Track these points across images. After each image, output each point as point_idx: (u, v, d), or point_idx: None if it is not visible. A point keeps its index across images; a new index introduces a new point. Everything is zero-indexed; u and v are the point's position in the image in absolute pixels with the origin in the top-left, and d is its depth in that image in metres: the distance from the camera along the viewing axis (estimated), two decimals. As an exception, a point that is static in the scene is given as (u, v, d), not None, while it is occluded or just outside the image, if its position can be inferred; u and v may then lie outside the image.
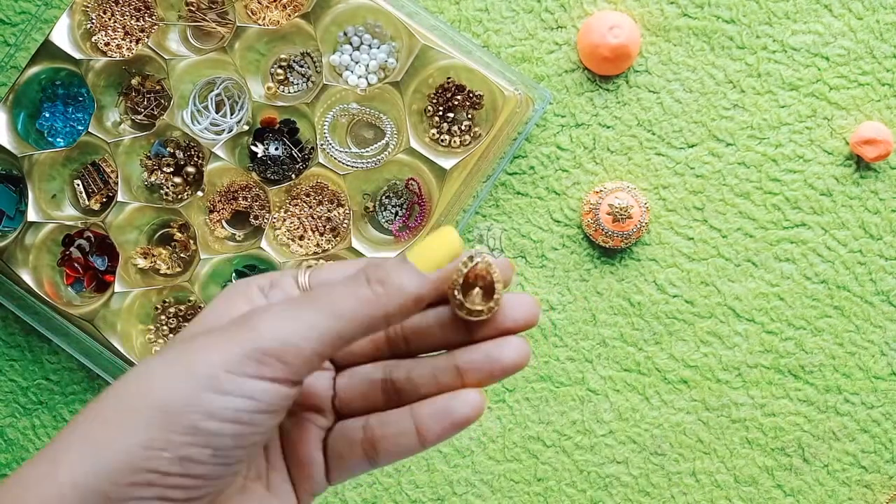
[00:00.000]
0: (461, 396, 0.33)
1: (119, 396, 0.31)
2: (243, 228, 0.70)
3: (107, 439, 0.30)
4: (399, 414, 0.35)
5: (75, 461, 0.30)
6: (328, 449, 0.36)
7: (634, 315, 0.70)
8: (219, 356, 0.30)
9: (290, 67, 0.70)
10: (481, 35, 0.70)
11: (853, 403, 0.70)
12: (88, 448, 0.30)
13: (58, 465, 0.30)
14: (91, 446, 0.30)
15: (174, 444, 0.30)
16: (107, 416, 0.31)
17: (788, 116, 0.69)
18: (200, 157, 0.69)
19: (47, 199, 0.70)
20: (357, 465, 0.35)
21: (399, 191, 0.69)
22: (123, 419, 0.30)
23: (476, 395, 0.34)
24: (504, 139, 0.67)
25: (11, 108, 0.68)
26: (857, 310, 0.69)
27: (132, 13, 0.69)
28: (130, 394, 0.31)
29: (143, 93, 0.69)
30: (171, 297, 0.70)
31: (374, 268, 0.32)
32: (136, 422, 0.30)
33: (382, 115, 0.68)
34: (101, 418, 0.31)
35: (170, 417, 0.30)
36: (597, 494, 0.71)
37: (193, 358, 0.31)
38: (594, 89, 0.69)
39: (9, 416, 0.73)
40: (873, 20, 0.68)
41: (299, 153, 0.68)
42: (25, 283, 0.68)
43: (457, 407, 0.33)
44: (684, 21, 0.69)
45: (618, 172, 0.70)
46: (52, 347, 0.73)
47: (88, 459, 0.30)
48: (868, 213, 0.69)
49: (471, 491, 0.71)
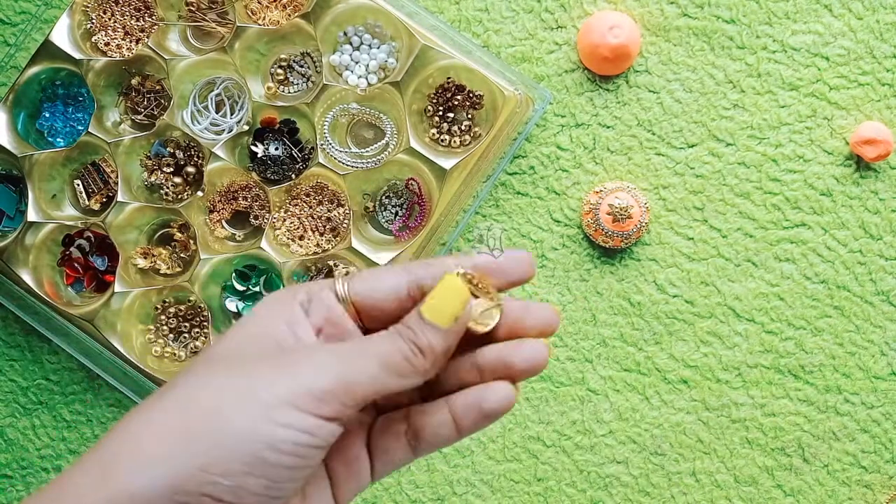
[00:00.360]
0: (491, 388, 0.35)
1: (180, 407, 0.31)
2: (243, 228, 0.70)
3: (166, 452, 0.30)
4: (437, 405, 0.36)
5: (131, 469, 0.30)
6: (372, 444, 0.37)
7: (634, 315, 0.70)
8: (283, 389, 0.31)
9: (290, 67, 0.70)
10: (481, 35, 0.70)
11: (853, 403, 0.70)
12: (146, 457, 0.30)
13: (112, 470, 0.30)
14: (148, 459, 0.30)
15: (233, 472, 0.30)
16: (167, 425, 0.31)
17: (788, 116, 0.69)
18: (200, 157, 0.69)
19: (47, 199, 0.70)
20: (402, 456, 0.36)
21: (399, 191, 0.69)
22: (185, 434, 0.30)
23: (506, 388, 0.35)
24: (504, 139, 0.67)
25: (11, 108, 0.68)
26: (857, 310, 0.69)
27: (132, 13, 0.69)
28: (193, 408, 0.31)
29: (143, 93, 0.69)
30: (171, 297, 0.70)
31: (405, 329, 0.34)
32: (198, 441, 0.30)
33: (382, 115, 0.68)
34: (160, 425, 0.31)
35: (233, 443, 0.30)
36: (597, 494, 0.71)
37: (256, 384, 0.31)
38: (594, 89, 0.69)
39: (9, 416, 0.73)
40: (873, 20, 0.68)
41: (299, 153, 0.68)
42: (25, 283, 0.68)
43: (487, 398, 0.35)
44: (684, 21, 0.69)
45: (618, 172, 0.70)
46: (52, 347, 0.73)
47: (145, 470, 0.30)
48: (868, 213, 0.69)
49: (471, 491, 0.71)
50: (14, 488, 0.73)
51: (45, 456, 0.73)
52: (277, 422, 0.31)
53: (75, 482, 0.31)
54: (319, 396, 0.31)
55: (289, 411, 0.31)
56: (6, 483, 0.74)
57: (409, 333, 0.33)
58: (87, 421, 0.73)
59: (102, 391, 0.73)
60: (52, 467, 0.73)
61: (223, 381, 0.32)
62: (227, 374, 0.32)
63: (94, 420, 0.73)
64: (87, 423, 0.73)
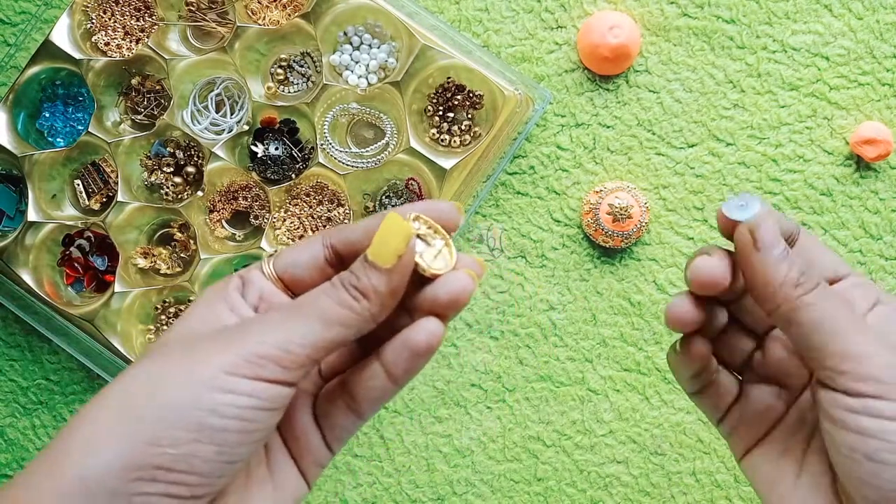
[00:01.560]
0: (417, 326, 0.34)
1: (121, 397, 0.32)
2: (243, 228, 0.71)
3: (112, 436, 0.31)
4: (367, 360, 0.35)
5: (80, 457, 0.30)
6: (317, 414, 0.37)
7: (634, 315, 0.70)
8: (219, 360, 0.31)
9: (290, 67, 0.70)
10: (481, 35, 0.70)
11: (853, 403, 0.70)
12: (93, 445, 0.31)
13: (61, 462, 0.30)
14: (96, 443, 0.31)
15: (180, 441, 0.30)
16: (110, 415, 0.31)
17: (788, 116, 0.69)
18: (200, 156, 0.69)
19: (47, 199, 0.70)
20: (344, 420, 0.36)
21: (399, 191, 0.69)
22: (129, 417, 0.31)
23: (432, 322, 0.34)
24: (504, 139, 0.67)
25: (11, 108, 0.68)
26: (857, 310, 0.69)
27: (132, 13, 0.69)
28: (133, 394, 0.32)
29: (143, 93, 0.69)
30: (171, 297, 0.70)
31: (348, 275, 0.33)
32: (141, 420, 0.31)
33: (382, 115, 0.68)
34: (104, 417, 0.31)
35: (176, 414, 0.31)
36: (597, 494, 0.71)
37: (194, 360, 0.32)
38: (594, 89, 0.70)
39: (9, 416, 0.73)
40: (873, 20, 0.68)
41: (299, 153, 0.68)
42: (25, 283, 0.68)
43: (413, 336, 0.34)
44: (684, 21, 0.69)
45: (618, 172, 0.70)
46: (52, 347, 0.73)
47: (93, 455, 0.30)
48: (868, 212, 0.69)
49: (471, 491, 0.71)
50: (14, 488, 0.73)
51: (45, 456, 0.73)
52: (218, 388, 0.31)
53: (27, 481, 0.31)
54: (255, 362, 0.31)
55: (227, 378, 0.31)
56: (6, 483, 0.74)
57: (351, 279, 0.33)
58: (87, 421, 0.73)
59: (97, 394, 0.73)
60: (52, 467, 0.73)
61: (161, 365, 0.32)
62: (166, 359, 0.33)
63: (94, 420, 0.73)
64: (87, 423, 0.73)
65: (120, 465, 0.30)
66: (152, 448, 0.30)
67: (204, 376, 0.31)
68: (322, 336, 0.32)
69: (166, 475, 0.30)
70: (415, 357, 0.34)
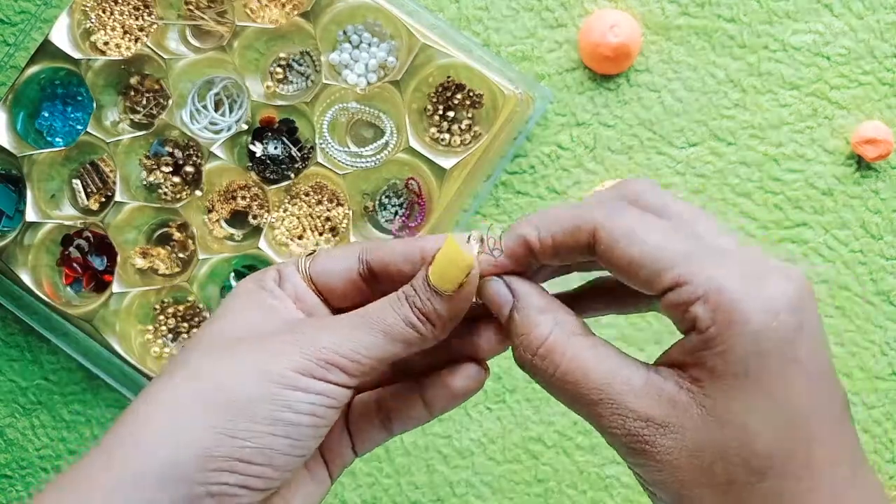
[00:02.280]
0: (459, 371, 0.36)
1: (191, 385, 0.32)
2: (242, 228, 0.70)
3: (187, 426, 0.31)
4: (407, 387, 0.37)
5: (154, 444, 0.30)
6: (350, 423, 0.38)
7: (634, 315, 0.70)
8: (288, 361, 0.32)
9: (289, 66, 0.69)
10: (481, 34, 0.69)
11: (853, 403, 0.70)
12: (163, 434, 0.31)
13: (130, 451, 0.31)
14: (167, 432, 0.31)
15: (257, 434, 0.31)
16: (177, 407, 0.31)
17: (789, 116, 0.69)
18: (199, 156, 0.69)
19: (46, 199, 0.69)
20: (377, 436, 0.38)
21: (399, 190, 0.69)
22: (201, 409, 0.31)
23: (473, 369, 0.36)
24: (504, 138, 0.67)
25: (11, 107, 0.68)
26: (858, 310, 0.69)
27: (131, 12, 0.69)
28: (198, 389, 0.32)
29: (141, 92, 0.69)
30: (169, 298, 0.70)
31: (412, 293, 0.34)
32: (218, 412, 0.31)
33: (382, 115, 0.68)
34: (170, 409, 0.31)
35: (253, 408, 0.31)
36: (597, 495, 0.71)
37: (263, 358, 0.32)
38: (595, 88, 0.69)
39: (8, 416, 0.73)
40: (874, 20, 0.68)
41: (298, 152, 0.68)
42: (24, 283, 0.68)
43: (454, 381, 0.36)
44: (685, 20, 0.68)
45: (619, 172, 0.69)
46: (52, 347, 0.72)
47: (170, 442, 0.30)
48: (869, 212, 0.69)
49: (471, 492, 0.71)
50: (14, 488, 0.73)
51: (44, 456, 0.73)
52: (291, 386, 0.32)
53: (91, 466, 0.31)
54: (323, 366, 0.32)
55: (299, 378, 0.32)
56: (6, 483, 0.73)
57: (414, 299, 0.34)
58: (86, 421, 0.73)
59: (101, 391, 0.73)
60: (52, 467, 0.73)
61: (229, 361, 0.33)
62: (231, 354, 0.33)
63: (94, 420, 0.73)
64: (86, 424, 0.73)
65: (197, 455, 0.30)
66: (231, 440, 0.31)
67: (276, 374, 0.32)
68: (386, 349, 0.34)
69: (246, 468, 0.31)
70: (454, 399, 0.36)
